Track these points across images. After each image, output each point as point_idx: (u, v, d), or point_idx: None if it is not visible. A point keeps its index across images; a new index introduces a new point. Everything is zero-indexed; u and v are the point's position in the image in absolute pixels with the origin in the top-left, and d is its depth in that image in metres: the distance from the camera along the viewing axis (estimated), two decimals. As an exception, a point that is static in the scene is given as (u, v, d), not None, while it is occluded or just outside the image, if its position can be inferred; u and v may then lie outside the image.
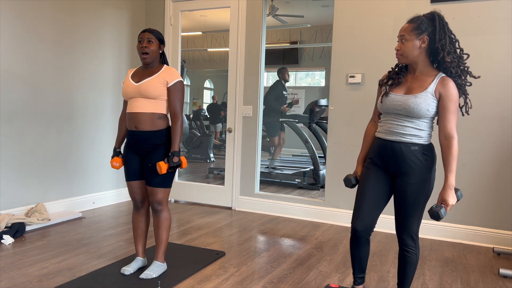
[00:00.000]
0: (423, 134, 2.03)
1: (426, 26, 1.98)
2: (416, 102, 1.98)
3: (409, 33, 1.99)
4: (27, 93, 3.71)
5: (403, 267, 2.15)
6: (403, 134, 2.03)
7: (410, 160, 2.02)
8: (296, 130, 5.96)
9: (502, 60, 3.45)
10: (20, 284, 2.49)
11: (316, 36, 8.82)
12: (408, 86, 2.05)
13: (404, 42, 2.00)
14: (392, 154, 2.06)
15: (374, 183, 2.13)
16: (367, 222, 2.14)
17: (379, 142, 2.13)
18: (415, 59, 2.02)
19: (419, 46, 1.99)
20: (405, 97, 2.01)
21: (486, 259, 3.21)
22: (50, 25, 3.88)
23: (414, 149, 2.01)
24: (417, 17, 2.02)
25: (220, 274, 2.73)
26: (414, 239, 2.10)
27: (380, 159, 2.12)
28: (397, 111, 2.04)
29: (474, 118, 3.54)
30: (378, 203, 2.14)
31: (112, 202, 4.66)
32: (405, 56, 2.02)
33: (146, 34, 2.54)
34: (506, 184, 3.47)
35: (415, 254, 2.11)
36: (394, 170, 2.09)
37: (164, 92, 2.53)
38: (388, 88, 2.10)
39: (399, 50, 2.02)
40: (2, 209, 3.58)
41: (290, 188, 5.48)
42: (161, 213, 2.62)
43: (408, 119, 2.02)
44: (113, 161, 2.68)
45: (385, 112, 2.11)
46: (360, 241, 2.19)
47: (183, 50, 7.95)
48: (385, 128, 2.10)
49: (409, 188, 2.03)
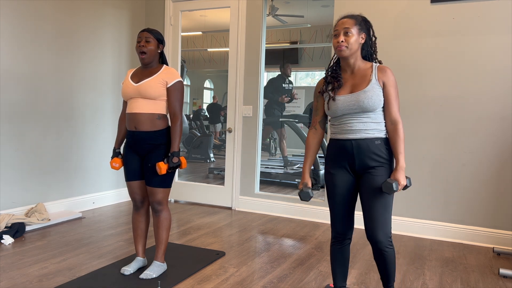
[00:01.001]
0: (382, 127, 2.06)
1: (363, 25, 2.07)
2: (367, 96, 2.00)
3: (353, 27, 2.02)
4: (27, 93, 3.71)
5: (384, 267, 2.11)
6: (365, 130, 2.04)
7: (376, 154, 2.04)
8: (296, 130, 5.97)
9: (502, 60, 3.45)
10: (20, 284, 2.49)
11: (316, 36, 8.82)
12: (351, 84, 2.07)
13: (349, 35, 2.01)
14: (359, 152, 2.05)
15: (341, 187, 2.12)
16: (346, 225, 2.17)
17: (338, 143, 2.11)
18: (356, 53, 2.06)
19: (359, 42, 2.05)
20: (355, 95, 2.03)
21: (486, 259, 3.21)
22: (50, 25, 3.88)
23: (378, 143, 2.04)
24: (355, 15, 2.08)
25: (220, 274, 2.73)
26: (390, 236, 2.06)
27: (344, 159, 2.10)
28: (352, 110, 2.05)
29: (474, 117, 3.54)
30: (350, 206, 2.15)
31: (112, 202, 4.66)
32: (350, 48, 2.02)
33: (145, 33, 2.54)
34: (506, 184, 3.47)
35: (392, 249, 2.08)
36: (360, 168, 2.07)
37: (164, 92, 2.53)
38: (331, 93, 2.10)
39: (344, 42, 2.01)
40: (2, 209, 3.58)
41: (290, 188, 5.48)
42: (161, 213, 2.62)
43: (365, 115, 2.04)
44: (113, 161, 2.67)
45: (338, 116, 2.11)
46: (344, 242, 2.21)
47: (183, 50, 7.95)
48: (343, 128, 2.09)
49: (378, 180, 2.03)
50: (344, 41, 2.01)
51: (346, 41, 2.01)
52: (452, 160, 3.63)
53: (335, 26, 2.07)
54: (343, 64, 2.12)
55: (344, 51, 2.03)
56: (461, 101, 3.58)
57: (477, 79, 3.53)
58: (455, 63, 3.59)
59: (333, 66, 2.16)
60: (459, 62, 3.58)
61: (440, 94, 3.64)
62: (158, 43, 2.57)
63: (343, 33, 2.03)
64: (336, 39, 2.04)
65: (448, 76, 3.61)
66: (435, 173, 3.68)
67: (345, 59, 2.07)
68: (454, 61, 3.59)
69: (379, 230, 2.03)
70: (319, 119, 2.23)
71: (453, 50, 3.59)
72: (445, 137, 3.64)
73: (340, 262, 2.24)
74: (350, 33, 2.02)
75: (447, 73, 3.61)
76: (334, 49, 2.06)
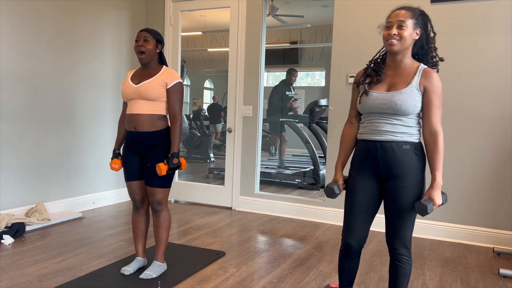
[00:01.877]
0: (413, 131, 1.90)
1: (420, 19, 1.90)
2: (402, 99, 1.84)
3: (408, 21, 1.85)
4: (27, 93, 3.71)
5: (395, 280, 1.97)
6: (393, 132, 1.88)
7: (403, 160, 1.87)
8: (296, 130, 5.97)
9: (502, 60, 3.44)
10: (20, 284, 2.49)
11: (316, 36, 8.82)
12: (390, 82, 1.91)
13: (404, 28, 1.84)
14: (383, 155, 1.89)
15: (362, 195, 1.96)
16: (359, 236, 1.99)
17: (364, 144, 1.96)
18: (408, 49, 1.89)
19: (413, 37, 1.88)
20: (389, 94, 1.87)
21: (486, 259, 3.21)
22: (50, 25, 3.88)
23: (406, 148, 1.87)
24: (412, 7, 1.90)
25: (220, 274, 2.73)
26: (408, 248, 1.93)
27: (367, 163, 1.95)
28: (382, 110, 1.89)
29: (474, 117, 3.54)
30: (370, 215, 1.99)
31: (112, 202, 4.66)
32: (402, 43, 1.85)
33: (143, 33, 2.53)
34: (506, 184, 3.47)
35: (409, 264, 1.95)
36: (384, 174, 1.92)
37: (164, 93, 2.53)
38: (367, 87, 1.94)
39: (396, 34, 1.84)
40: (2, 209, 3.58)
41: (290, 188, 5.48)
42: (161, 213, 2.62)
43: (395, 117, 1.88)
44: (113, 162, 2.68)
45: (367, 113, 1.96)
46: (352, 255, 2.05)
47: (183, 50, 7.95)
48: (370, 128, 1.94)
49: (403, 192, 1.87)
50: (396, 34, 1.84)
51: (399, 34, 1.84)
52: (452, 160, 3.63)
53: (389, 17, 1.89)
54: (388, 59, 1.95)
55: (395, 45, 1.85)
56: (461, 101, 3.58)
57: (477, 79, 3.53)
58: (455, 63, 3.59)
59: (378, 59, 2.00)
60: (459, 62, 3.58)
61: (440, 94, 3.64)
62: (156, 43, 2.56)
63: (396, 25, 1.84)
64: (388, 31, 1.86)
65: (448, 76, 3.61)
66: (435, 173, 3.68)
67: (393, 54, 1.89)
68: (454, 61, 3.59)
69: (396, 240, 1.94)
70: (355, 113, 2.06)
71: (453, 50, 3.59)
72: (445, 137, 3.64)
73: (348, 271, 2.09)
74: (404, 26, 1.83)
75: (447, 73, 3.61)
76: (384, 42, 1.89)
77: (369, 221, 2.00)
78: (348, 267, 2.08)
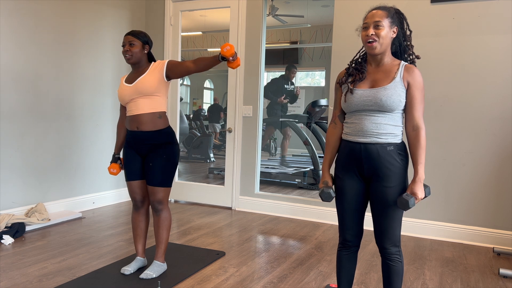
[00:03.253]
0: (398, 131, 1.91)
1: (395, 18, 1.92)
2: (387, 94, 1.85)
3: (384, 20, 1.87)
4: (27, 93, 3.71)
5: (389, 279, 1.99)
6: (377, 134, 1.89)
7: (388, 162, 1.89)
8: (296, 130, 5.97)
9: (502, 60, 3.45)
10: (20, 284, 2.49)
11: (316, 36, 8.82)
12: (372, 79, 1.93)
13: (380, 28, 1.86)
14: (367, 157, 1.91)
15: (351, 193, 2.00)
16: (355, 230, 2.04)
17: (349, 145, 1.97)
18: (387, 48, 1.91)
19: (391, 36, 1.90)
20: (374, 91, 1.88)
21: (486, 259, 3.21)
22: (50, 25, 3.88)
23: (390, 150, 1.89)
24: (387, 7, 1.93)
25: (220, 274, 2.73)
26: (398, 246, 1.96)
27: (352, 163, 1.97)
28: (367, 107, 1.90)
29: (474, 118, 3.54)
30: (361, 211, 2.03)
31: (112, 202, 4.66)
32: (381, 43, 1.87)
33: (128, 38, 2.54)
34: (506, 184, 3.47)
35: (400, 262, 1.97)
36: (369, 173, 1.94)
37: (160, 85, 2.53)
38: (351, 85, 1.95)
39: (374, 35, 1.86)
40: (2, 209, 3.58)
41: (290, 188, 5.48)
42: (162, 212, 2.62)
43: (381, 114, 1.89)
44: (111, 167, 2.69)
45: (352, 111, 1.96)
46: (351, 249, 2.08)
47: (183, 50, 7.95)
48: (355, 129, 1.94)
49: (389, 192, 1.90)
50: (374, 34, 1.87)
51: (376, 35, 1.86)
52: (452, 160, 3.63)
53: (365, 19, 1.92)
54: (369, 58, 1.97)
55: (374, 47, 1.88)
56: (461, 101, 3.58)
57: (477, 79, 3.53)
58: (455, 63, 3.59)
59: (358, 59, 2.02)
60: (459, 62, 3.58)
61: (440, 94, 3.64)
62: (143, 44, 2.57)
63: (373, 26, 1.88)
64: (366, 32, 1.89)
65: (448, 76, 3.61)
66: (435, 173, 3.68)
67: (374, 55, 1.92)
68: (454, 61, 3.59)
69: (386, 239, 1.96)
70: (339, 113, 2.07)
71: (453, 50, 3.59)
72: (445, 137, 3.64)
73: (346, 269, 2.11)
74: (381, 26, 1.86)
75: (447, 73, 3.61)
76: (363, 43, 1.91)
77: (361, 217, 2.05)
78: (347, 264, 2.10)
